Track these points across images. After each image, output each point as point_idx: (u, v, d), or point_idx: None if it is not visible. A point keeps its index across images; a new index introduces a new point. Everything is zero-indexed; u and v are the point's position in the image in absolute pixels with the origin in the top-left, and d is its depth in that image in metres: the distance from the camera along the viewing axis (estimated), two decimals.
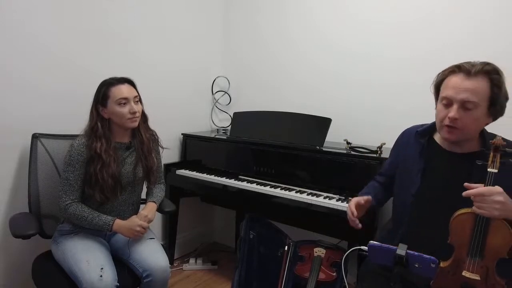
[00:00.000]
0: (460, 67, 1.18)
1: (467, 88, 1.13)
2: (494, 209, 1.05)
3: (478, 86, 1.13)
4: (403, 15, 2.05)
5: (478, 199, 1.06)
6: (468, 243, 1.13)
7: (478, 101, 1.14)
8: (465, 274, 1.13)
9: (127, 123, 1.56)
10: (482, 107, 1.15)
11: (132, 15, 2.19)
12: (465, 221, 1.13)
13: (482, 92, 1.14)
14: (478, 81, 1.14)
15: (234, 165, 2.29)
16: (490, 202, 1.05)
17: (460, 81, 1.15)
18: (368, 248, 1.11)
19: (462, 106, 1.15)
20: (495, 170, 1.08)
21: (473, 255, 1.12)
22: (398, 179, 1.42)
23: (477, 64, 1.15)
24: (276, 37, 2.56)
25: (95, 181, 1.50)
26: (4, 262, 1.74)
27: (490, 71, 1.14)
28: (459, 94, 1.14)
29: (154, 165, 1.68)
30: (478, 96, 1.13)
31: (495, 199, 1.04)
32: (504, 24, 1.77)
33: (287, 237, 1.96)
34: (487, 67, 1.15)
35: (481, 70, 1.14)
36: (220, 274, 2.44)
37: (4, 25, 1.65)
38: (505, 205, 1.05)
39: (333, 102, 2.30)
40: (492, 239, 1.10)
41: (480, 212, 1.07)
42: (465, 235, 1.13)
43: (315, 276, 1.77)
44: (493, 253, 1.11)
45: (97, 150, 1.49)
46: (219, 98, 2.84)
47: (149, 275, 1.47)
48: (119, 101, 1.52)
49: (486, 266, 1.12)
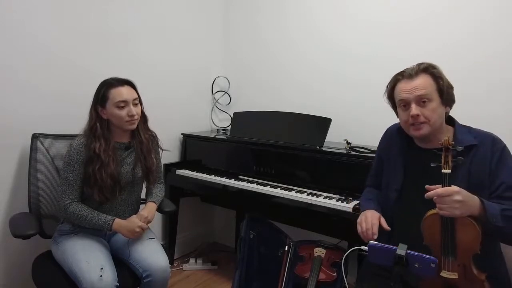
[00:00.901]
0: (402, 73, 1.30)
1: (415, 86, 1.24)
2: (454, 209, 1.08)
3: (423, 82, 1.24)
4: (403, 15, 2.04)
5: (438, 201, 1.10)
6: (440, 244, 1.15)
7: (429, 93, 1.23)
8: (443, 274, 1.14)
9: (125, 126, 1.56)
10: (435, 98, 1.24)
11: (132, 15, 2.19)
12: (433, 222, 1.15)
13: (429, 85, 1.24)
14: (421, 78, 1.25)
15: (234, 165, 2.29)
16: (449, 202, 1.08)
17: (407, 84, 1.27)
18: (368, 248, 1.11)
19: (418, 103, 1.24)
20: (448, 170, 1.11)
21: (447, 255, 1.13)
22: (384, 176, 1.45)
23: (414, 67, 1.28)
24: (276, 37, 2.56)
25: (94, 181, 1.49)
26: (4, 262, 1.74)
27: (427, 68, 1.26)
28: (412, 93, 1.24)
29: (153, 165, 1.68)
30: (427, 89, 1.23)
31: (453, 198, 1.07)
32: (504, 24, 1.77)
33: (287, 237, 1.95)
34: (423, 65, 1.27)
35: (419, 69, 1.26)
36: (220, 274, 2.44)
37: (4, 25, 1.65)
38: (464, 203, 1.08)
39: (333, 102, 2.30)
40: (461, 237, 1.12)
41: (442, 213, 1.10)
42: (436, 236, 1.15)
43: (315, 276, 1.77)
44: (464, 250, 1.13)
45: (96, 150, 1.49)
46: (219, 98, 2.84)
47: (149, 275, 1.47)
48: (118, 104, 1.51)
49: (463, 264, 1.13)
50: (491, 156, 1.20)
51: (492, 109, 1.79)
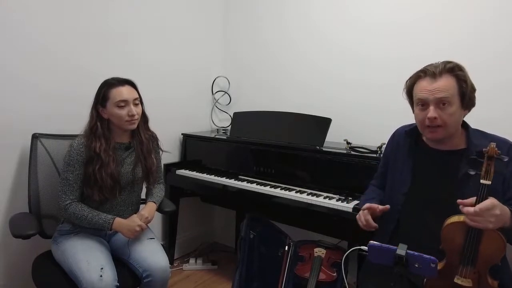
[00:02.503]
0: (425, 71, 1.24)
1: (437, 88, 1.18)
2: (489, 222, 1.03)
3: (446, 84, 1.19)
4: (403, 16, 2.04)
5: (475, 214, 1.04)
6: (460, 252, 1.12)
7: (450, 97, 1.18)
8: (457, 280, 1.12)
9: (125, 125, 1.56)
10: (455, 102, 1.19)
11: (132, 15, 2.19)
12: (457, 230, 1.11)
13: (452, 88, 1.19)
14: (445, 79, 1.19)
15: (234, 165, 2.29)
16: (486, 216, 1.03)
17: (429, 83, 1.21)
18: (368, 248, 1.11)
19: (437, 105, 1.19)
20: (488, 182, 1.04)
21: (465, 263, 1.11)
22: (389, 179, 1.44)
23: (439, 65, 1.21)
24: (276, 37, 2.55)
25: (94, 181, 1.49)
26: (4, 262, 1.74)
27: (453, 68, 1.20)
28: (432, 95, 1.19)
29: (153, 165, 1.68)
30: (449, 92, 1.18)
31: (492, 213, 1.02)
32: (504, 24, 1.77)
33: (287, 237, 1.96)
34: (449, 65, 1.20)
35: (444, 69, 1.20)
36: (220, 274, 2.44)
37: (4, 25, 1.65)
38: (499, 217, 1.04)
39: (333, 102, 2.30)
40: (485, 249, 1.09)
41: (474, 225, 1.05)
42: (457, 243, 1.12)
43: (315, 276, 1.77)
44: (485, 261, 1.10)
45: (96, 149, 1.49)
46: (219, 98, 2.84)
47: (149, 275, 1.47)
48: (118, 103, 1.51)
49: (479, 272, 1.11)
50: (507, 164, 1.14)
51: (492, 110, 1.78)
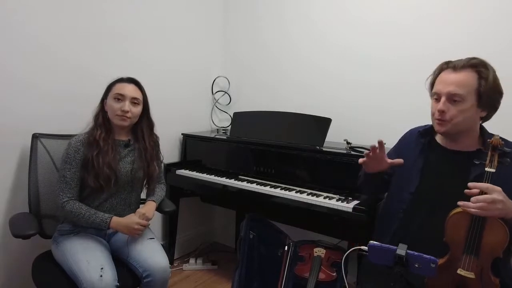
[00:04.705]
0: (448, 62, 1.22)
1: (453, 82, 1.17)
2: (496, 209, 1.05)
3: (464, 79, 1.17)
4: (403, 16, 2.04)
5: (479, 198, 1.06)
6: (464, 242, 1.13)
7: (464, 94, 1.16)
8: (460, 272, 1.13)
9: (116, 119, 1.57)
10: (470, 100, 1.17)
11: (132, 15, 2.19)
12: (461, 219, 1.13)
13: (469, 84, 1.17)
14: (464, 74, 1.17)
15: (234, 165, 2.29)
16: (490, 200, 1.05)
17: (448, 75, 1.20)
18: (368, 248, 1.11)
19: (449, 99, 1.18)
20: (492, 169, 1.09)
21: (469, 253, 1.12)
22: (397, 178, 1.42)
23: (464, 59, 1.19)
24: (276, 37, 2.56)
25: (91, 167, 1.51)
26: (4, 262, 1.74)
27: (477, 64, 1.18)
28: (446, 88, 1.18)
29: (155, 172, 1.70)
30: (464, 88, 1.16)
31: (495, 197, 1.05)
32: (504, 24, 1.77)
33: (287, 237, 1.95)
34: (474, 60, 1.18)
35: (467, 63, 1.18)
36: (220, 274, 2.44)
37: (4, 25, 1.65)
38: (505, 203, 1.06)
39: (333, 102, 2.30)
40: (488, 238, 1.11)
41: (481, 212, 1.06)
42: (461, 233, 1.14)
43: (315, 276, 1.77)
44: (488, 251, 1.11)
45: (96, 137, 1.52)
46: (219, 98, 2.84)
47: (149, 275, 1.47)
48: (115, 96, 1.56)
49: (481, 265, 1.12)
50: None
51: None
